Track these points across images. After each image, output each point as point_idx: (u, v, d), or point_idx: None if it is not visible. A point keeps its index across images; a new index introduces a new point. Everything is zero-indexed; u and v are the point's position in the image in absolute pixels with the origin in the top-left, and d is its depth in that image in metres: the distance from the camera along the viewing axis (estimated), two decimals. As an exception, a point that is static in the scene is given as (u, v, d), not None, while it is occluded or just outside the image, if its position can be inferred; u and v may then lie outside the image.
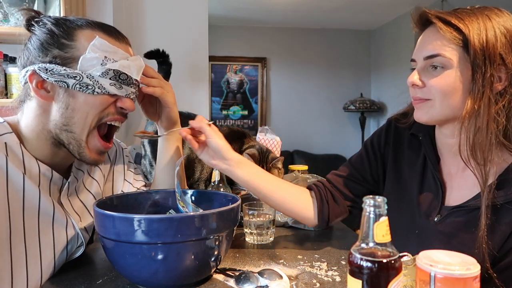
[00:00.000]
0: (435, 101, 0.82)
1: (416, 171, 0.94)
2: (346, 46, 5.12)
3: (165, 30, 2.08)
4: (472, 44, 0.76)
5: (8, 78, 1.78)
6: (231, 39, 4.92)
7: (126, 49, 0.85)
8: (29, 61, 0.79)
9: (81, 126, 0.81)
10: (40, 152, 0.82)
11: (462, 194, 0.86)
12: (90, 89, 0.79)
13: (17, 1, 1.72)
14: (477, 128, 0.78)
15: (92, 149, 0.84)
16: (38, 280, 0.79)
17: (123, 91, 0.83)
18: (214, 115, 4.95)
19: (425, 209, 0.90)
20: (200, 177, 1.31)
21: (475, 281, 0.54)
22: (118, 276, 0.82)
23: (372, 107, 4.78)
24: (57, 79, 0.77)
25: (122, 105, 0.84)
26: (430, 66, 0.82)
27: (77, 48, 0.79)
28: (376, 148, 1.03)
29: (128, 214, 0.71)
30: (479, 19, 0.78)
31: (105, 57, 0.79)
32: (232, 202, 0.82)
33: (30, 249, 0.78)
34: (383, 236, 0.54)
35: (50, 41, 0.78)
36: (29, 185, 0.77)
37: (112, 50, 0.81)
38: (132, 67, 0.83)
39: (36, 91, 0.78)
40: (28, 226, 0.77)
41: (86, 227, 0.91)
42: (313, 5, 4.13)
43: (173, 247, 0.71)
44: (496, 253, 0.79)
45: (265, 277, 0.77)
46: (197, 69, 2.16)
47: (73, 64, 0.78)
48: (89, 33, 0.80)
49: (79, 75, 0.78)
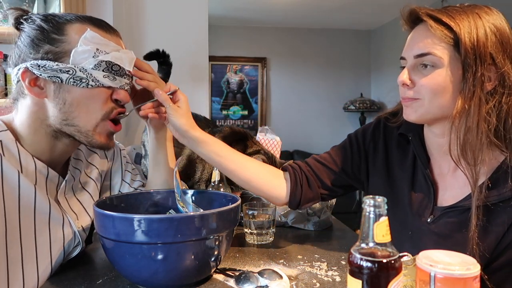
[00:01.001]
0: (424, 100, 0.81)
1: (407, 171, 0.93)
2: (346, 46, 5.11)
3: (165, 30, 2.08)
4: (463, 43, 0.76)
5: (8, 78, 1.78)
6: (231, 39, 4.91)
7: (117, 41, 0.85)
8: (20, 59, 0.79)
9: (85, 119, 0.81)
10: (37, 148, 0.81)
11: (455, 194, 0.86)
12: (84, 83, 0.79)
13: (17, 1, 1.72)
14: (468, 128, 0.78)
15: (101, 134, 0.84)
16: (35, 280, 0.79)
17: (117, 83, 0.83)
18: (214, 115, 4.95)
19: (417, 210, 0.89)
20: (201, 177, 1.31)
21: (475, 281, 0.54)
22: (118, 276, 0.82)
23: (372, 107, 4.78)
24: (50, 75, 0.77)
25: (117, 97, 0.84)
26: (420, 64, 0.81)
27: (68, 42, 0.78)
28: (361, 143, 1.01)
29: (128, 214, 0.71)
30: (469, 17, 0.77)
31: (97, 49, 0.79)
32: (232, 202, 0.82)
33: (26, 249, 0.77)
34: (383, 236, 0.54)
35: (40, 37, 0.78)
36: (24, 183, 0.77)
37: (104, 42, 0.81)
38: (124, 58, 0.83)
39: (29, 89, 0.78)
40: (24, 225, 0.77)
41: (83, 226, 0.91)
42: (313, 5, 4.13)
43: (173, 247, 0.71)
44: (490, 254, 0.78)
45: (265, 277, 0.77)
46: (197, 69, 2.16)
47: (65, 58, 0.78)
48: (79, 26, 0.80)
49: (72, 69, 0.77)
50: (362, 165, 1.01)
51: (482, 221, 0.77)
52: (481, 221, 0.77)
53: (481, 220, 0.77)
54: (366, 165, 1.01)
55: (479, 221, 0.77)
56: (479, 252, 0.77)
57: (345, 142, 1.05)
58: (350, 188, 1.05)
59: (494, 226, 0.79)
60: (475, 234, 0.77)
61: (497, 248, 0.79)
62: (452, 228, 0.83)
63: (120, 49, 0.84)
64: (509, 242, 0.78)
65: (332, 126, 5.07)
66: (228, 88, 5.02)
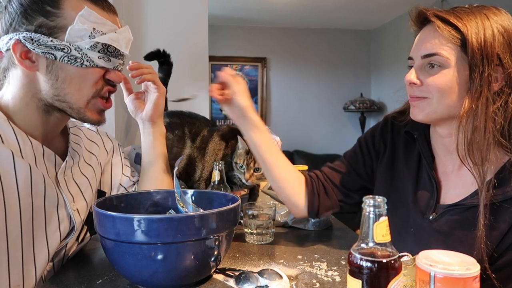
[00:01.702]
0: (433, 99, 0.82)
1: (411, 169, 0.94)
2: (346, 46, 5.12)
3: (165, 30, 2.08)
4: (470, 44, 0.76)
5: (8, 78, 1.78)
6: (231, 39, 4.92)
7: (114, 19, 0.84)
8: (12, 27, 0.76)
9: (76, 96, 0.80)
10: (30, 123, 0.81)
11: (458, 193, 0.87)
12: (78, 62, 0.78)
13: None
14: (475, 128, 0.78)
15: (93, 111, 0.84)
16: (32, 263, 0.78)
17: (111, 64, 0.83)
18: (214, 115, 4.95)
19: (420, 207, 0.90)
20: (201, 176, 1.31)
21: (475, 281, 0.54)
22: (118, 276, 0.82)
23: (372, 107, 4.78)
24: (44, 51, 0.75)
25: (110, 78, 0.84)
26: (427, 64, 0.82)
27: (63, 17, 0.76)
28: (370, 144, 1.03)
29: (128, 214, 0.71)
30: (477, 18, 0.78)
31: (94, 29, 0.78)
32: (232, 202, 0.82)
33: (25, 231, 0.76)
34: (383, 236, 0.54)
35: (34, 7, 0.76)
36: (19, 164, 0.75)
37: (101, 21, 0.79)
38: (120, 40, 0.83)
39: (20, 61, 0.76)
40: (23, 208, 0.75)
41: (78, 210, 0.89)
42: (313, 5, 4.13)
43: (173, 247, 0.71)
44: (494, 252, 0.79)
45: (265, 277, 0.77)
46: (197, 69, 2.17)
47: (60, 34, 0.76)
48: (75, 1, 0.78)
49: (67, 47, 0.76)
50: (374, 166, 1.03)
51: (488, 220, 0.78)
52: (488, 220, 0.78)
53: (488, 219, 0.78)
54: (377, 163, 1.03)
55: (486, 220, 0.78)
56: (487, 251, 0.77)
57: (355, 146, 1.07)
58: (367, 191, 1.06)
59: (498, 223, 0.79)
60: (483, 233, 0.77)
61: (499, 246, 0.79)
62: (453, 225, 0.84)
63: (117, 29, 0.83)
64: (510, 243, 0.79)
65: (332, 126, 5.07)
66: (228, 88, 5.02)
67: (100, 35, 0.79)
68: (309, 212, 1.02)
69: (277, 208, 1.21)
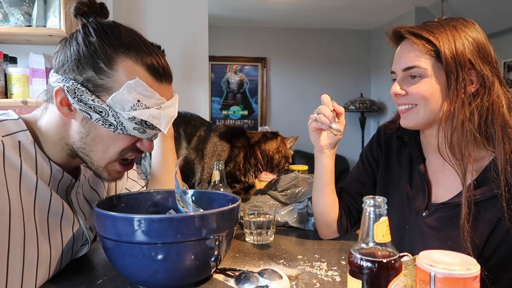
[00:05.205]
0: (420, 106, 0.90)
1: (405, 170, 1.02)
2: (346, 46, 5.12)
3: (165, 30, 2.09)
4: (443, 54, 0.85)
5: (8, 78, 1.78)
6: (231, 39, 4.92)
7: (165, 89, 0.80)
8: (62, 69, 0.75)
9: (100, 156, 0.79)
10: (55, 155, 0.81)
11: (447, 191, 0.93)
12: (112, 128, 0.76)
13: (17, 1, 1.72)
14: (454, 128, 0.87)
15: (110, 172, 0.83)
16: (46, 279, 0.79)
17: (145, 135, 0.80)
18: (214, 115, 4.95)
19: (414, 206, 0.97)
20: (201, 178, 1.30)
21: (475, 281, 0.54)
22: (118, 276, 0.82)
23: (372, 107, 4.78)
24: (81, 108, 0.74)
25: (141, 147, 0.82)
26: (409, 76, 0.91)
27: (113, 79, 0.74)
28: (369, 154, 1.11)
29: (128, 214, 0.71)
30: (447, 30, 0.87)
31: (138, 101, 0.75)
32: (232, 202, 0.82)
33: (41, 250, 0.77)
34: (383, 236, 0.54)
35: (88, 59, 0.74)
36: (41, 185, 0.76)
37: (148, 94, 0.76)
38: (162, 117, 0.78)
39: (58, 107, 0.75)
40: (40, 227, 0.77)
41: (91, 226, 0.91)
42: (313, 5, 4.13)
43: (173, 247, 0.71)
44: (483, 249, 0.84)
45: (265, 277, 0.77)
46: (197, 69, 2.17)
47: (104, 94, 0.74)
48: (130, 65, 0.75)
49: (106, 111, 0.74)
50: (375, 174, 1.10)
51: (472, 217, 0.84)
52: (472, 217, 0.84)
53: (472, 216, 0.84)
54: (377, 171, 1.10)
55: (469, 217, 0.84)
56: (474, 248, 0.83)
57: (358, 162, 1.15)
58: None
59: (483, 222, 0.85)
60: (465, 229, 0.83)
61: (488, 244, 0.85)
62: (444, 222, 0.91)
63: (163, 103, 0.79)
64: (499, 240, 0.84)
65: (332, 126, 5.06)
66: (228, 88, 5.02)
67: (142, 109, 0.76)
68: (339, 231, 1.09)
69: (277, 208, 1.21)
